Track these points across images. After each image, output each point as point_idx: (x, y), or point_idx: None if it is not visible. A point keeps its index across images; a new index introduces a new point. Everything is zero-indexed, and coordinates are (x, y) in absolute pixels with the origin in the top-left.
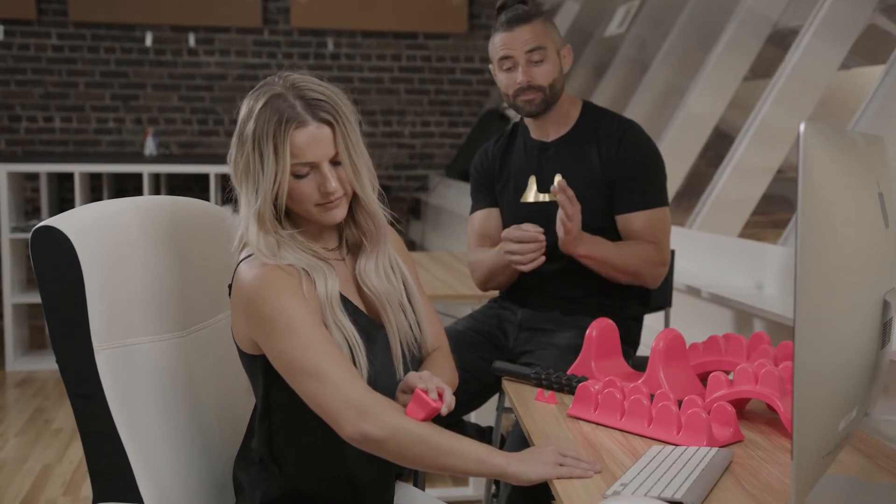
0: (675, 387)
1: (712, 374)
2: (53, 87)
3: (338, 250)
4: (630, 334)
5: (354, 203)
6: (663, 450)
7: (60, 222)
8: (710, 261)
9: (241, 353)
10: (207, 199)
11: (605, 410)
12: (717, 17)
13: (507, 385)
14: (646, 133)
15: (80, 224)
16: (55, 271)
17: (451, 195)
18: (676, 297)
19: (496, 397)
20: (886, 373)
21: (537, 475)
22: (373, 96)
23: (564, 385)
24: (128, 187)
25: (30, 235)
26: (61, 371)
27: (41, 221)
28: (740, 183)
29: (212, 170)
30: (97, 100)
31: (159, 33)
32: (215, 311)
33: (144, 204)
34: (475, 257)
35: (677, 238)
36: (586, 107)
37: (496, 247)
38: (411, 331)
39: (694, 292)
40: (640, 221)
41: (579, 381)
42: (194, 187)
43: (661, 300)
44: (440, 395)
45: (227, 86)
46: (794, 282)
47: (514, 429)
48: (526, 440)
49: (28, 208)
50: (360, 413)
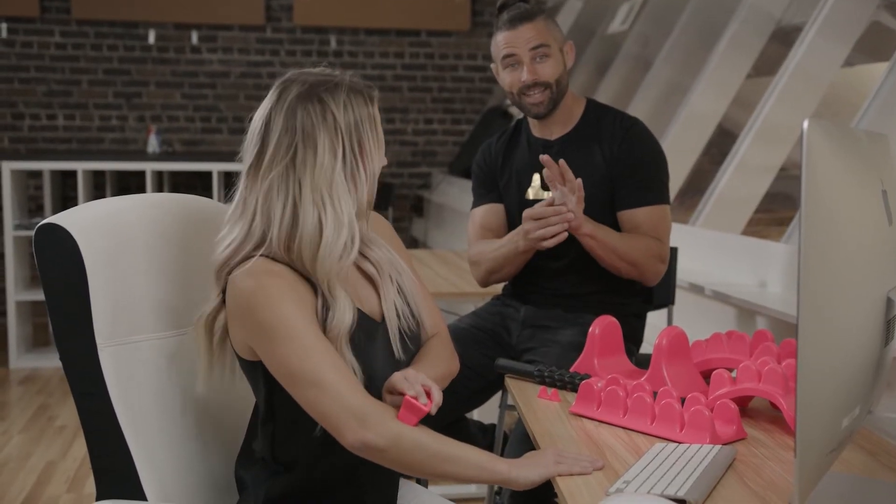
0: (678, 384)
1: (715, 372)
2: (56, 84)
3: None
4: (633, 331)
5: None
6: (666, 447)
7: (64, 220)
8: (713, 258)
9: (240, 358)
10: (210, 196)
11: (608, 408)
12: (720, 14)
13: (510, 382)
14: (649, 130)
15: (84, 222)
16: (59, 269)
17: (454, 193)
18: (679, 295)
19: (499, 395)
20: (890, 370)
21: (539, 475)
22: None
23: (567, 382)
24: (131, 185)
25: (33, 233)
26: (65, 368)
27: (45, 219)
28: (743, 180)
29: (215, 167)
30: (100, 97)
31: (162, 31)
32: None
33: (148, 201)
34: (478, 249)
35: (680, 235)
36: (590, 104)
37: (504, 237)
38: (408, 307)
39: (697, 290)
40: (642, 218)
41: (582, 379)
42: (197, 185)
43: (663, 297)
44: (428, 393)
45: (230, 83)
46: (798, 279)
47: (517, 426)
48: (528, 438)
49: (31, 206)
50: (360, 421)
